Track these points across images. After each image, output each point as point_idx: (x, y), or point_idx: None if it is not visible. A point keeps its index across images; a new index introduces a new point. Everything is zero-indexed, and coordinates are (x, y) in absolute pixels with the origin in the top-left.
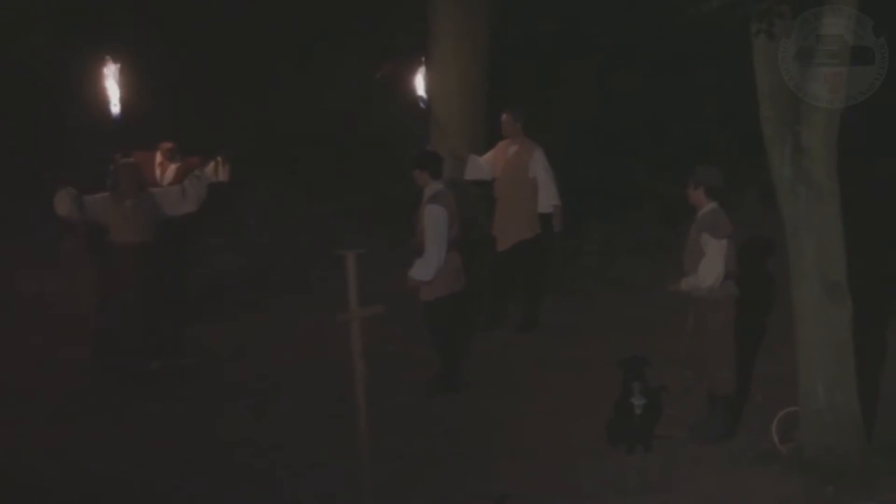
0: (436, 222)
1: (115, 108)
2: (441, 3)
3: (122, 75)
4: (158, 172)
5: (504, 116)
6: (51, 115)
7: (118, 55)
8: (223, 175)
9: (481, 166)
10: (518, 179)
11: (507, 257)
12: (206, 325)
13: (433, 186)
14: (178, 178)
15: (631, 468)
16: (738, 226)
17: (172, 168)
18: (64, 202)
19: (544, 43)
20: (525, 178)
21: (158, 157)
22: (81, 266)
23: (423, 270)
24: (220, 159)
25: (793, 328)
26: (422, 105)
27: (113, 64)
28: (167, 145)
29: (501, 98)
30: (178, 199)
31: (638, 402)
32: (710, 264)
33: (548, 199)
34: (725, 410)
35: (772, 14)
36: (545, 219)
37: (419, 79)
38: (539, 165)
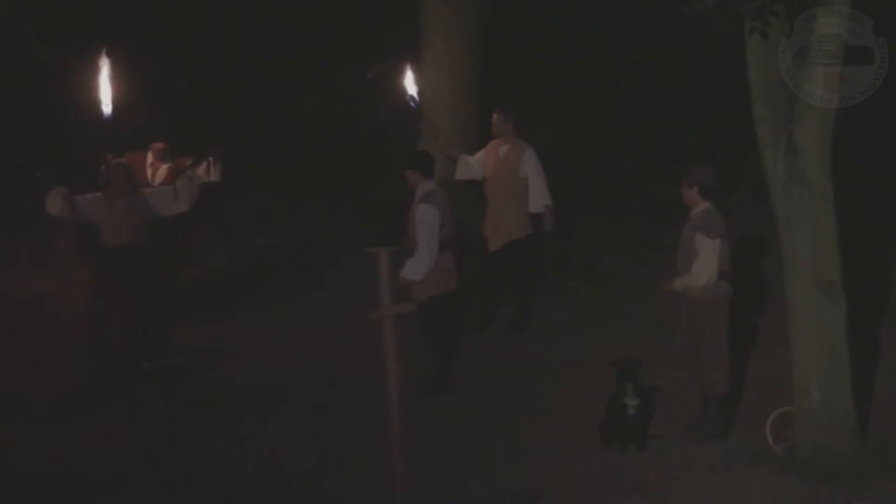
0: (428, 222)
1: (106, 108)
2: (432, 3)
3: (114, 75)
4: (150, 172)
5: (495, 116)
6: (42, 115)
7: (110, 55)
8: (215, 175)
9: (472, 166)
10: (509, 179)
11: (499, 257)
12: (197, 325)
13: (425, 186)
14: (169, 179)
15: (624, 468)
16: (730, 225)
17: (164, 168)
18: (55, 202)
19: (535, 42)
20: (516, 178)
21: (150, 157)
22: (73, 266)
23: (414, 270)
24: (211, 159)
25: (787, 327)
26: (412, 105)
27: (104, 64)
28: (158, 145)
29: (492, 98)
30: (170, 199)
31: (631, 402)
32: (704, 264)
33: (539, 198)
34: (719, 410)
35: (765, 13)
36: (536, 218)
37: (410, 79)
38: (530, 165)
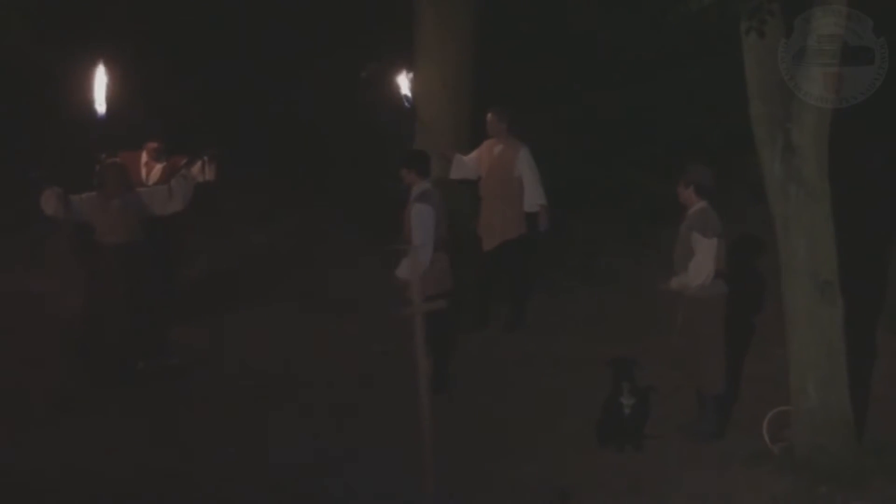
0: (423, 221)
1: (100, 107)
2: (426, 3)
3: (109, 75)
4: (144, 172)
5: (489, 116)
6: (37, 114)
7: (104, 55)
8: (209, 174)
9: (467, 165)
10: (503, 179)
11: (493, 257)
12: (194, 325)
13: (421, 185)
14: (164, 178)
15: (621, 468)
16: (725, 224)
17: (158, 167)
18: (50, 201)
19: (530, 41)
20: (510, 178)
21: (144, 156)
22: (68, 266)
23: (409, 269)
24: (206, 159)
25: (783, 327)
26: (406, 105)
27: (99, 64)
28: (153, 145)
29: (487, 97)
30: (164, 198)
31: (627, 401)
32: (700, 263)
33: (533, 198)
34: (715, 410)
35: (762, 12)
36: (531, 218)
37: (404, 78)
38: (524, 165)
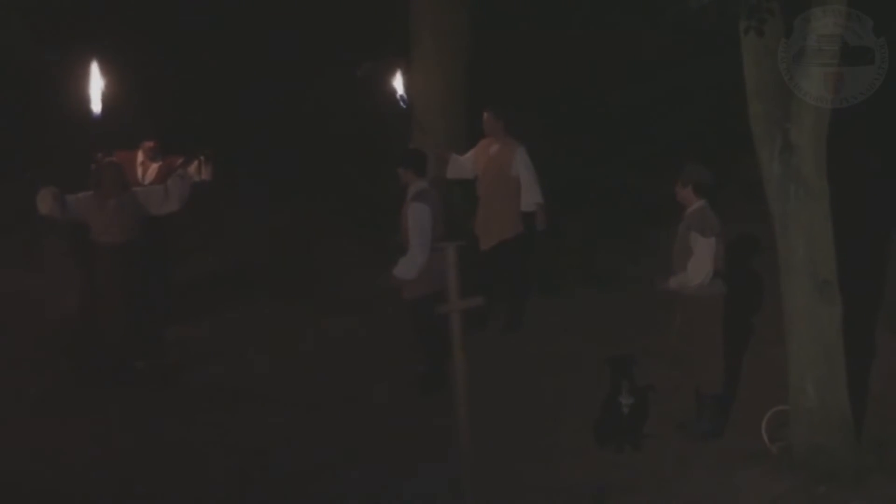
0: (420, 220)
1: (96, 107)
2: (423, 2)
3: (104, 74)
4: (140, 171)
5: (486, 115)
6: (33, 113)
7: (99, 54)
8: (206, 174)
9: (463, 165)
10: (501, 178)
11: (491, 256)
12: (191, 324)
13: (418, 184)
14: (159, 177)
15: (619, 467)
16: (723, 223)
17: (154, 167)
18: (46, 201)
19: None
20: (508, 177)
21: (140, 156)
22: (65, 266)
23: (406, 269)
24: (202, 158)
25: (782, 326)
26: (402, 104)
27: (94, 63)
28: (149, 144)
29: (483, 96)
30: (161, 198)
31: (626, 400)
32: (699, 262)
33: (531, 197)
34: (714, 409)
35: (761, 11)
36: (528, 217)
37: (400, 77)
38: (521, 164)
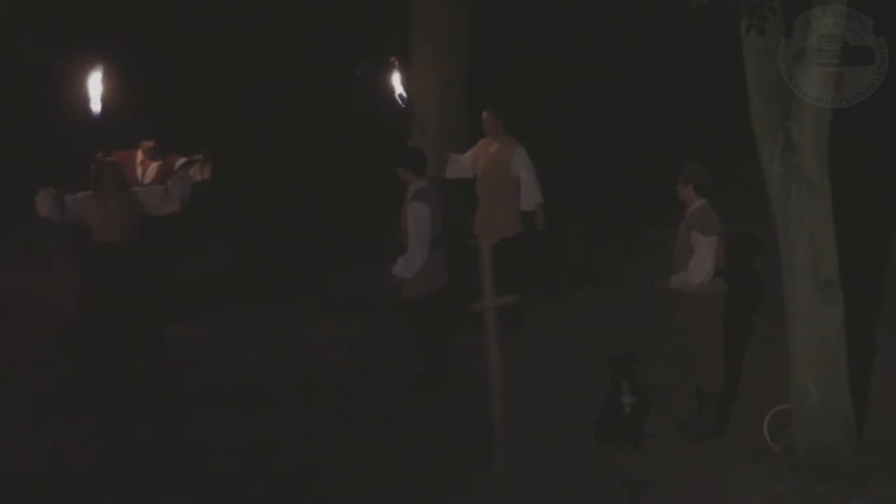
0: (419, 220)
1: (95, 106)
2: (423, 1)
3: (103, 74)
4: (140, 171)
5: (485, 114)
6: (34, 114)
7: (99, 54)
8: (206, 174)
9: (462, 164)
10: (500, 177)
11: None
12: (190, 324)
13: (417, 184)
14: (159, 177)
15: (620, 467)
16: (723, 222)
17: (154, 166)
18: (45, 203)
19: (527, 39)
20: (507, 176)
21: (140, 155)
22: (64, 266)
23: (405, 268)
24: (202, 158)
25: (783, 325)
26: (401, 103)
27: (94, 62)
28: (148, 143)
29: (482, 96)
30: (161, 199)
31: (627, 400)
32: (700, 261)
33: (530, 197)
34: (715, 408)
35: (763, 9)
36: (528, 217)
37: (399, 77)
38: (521, 163)
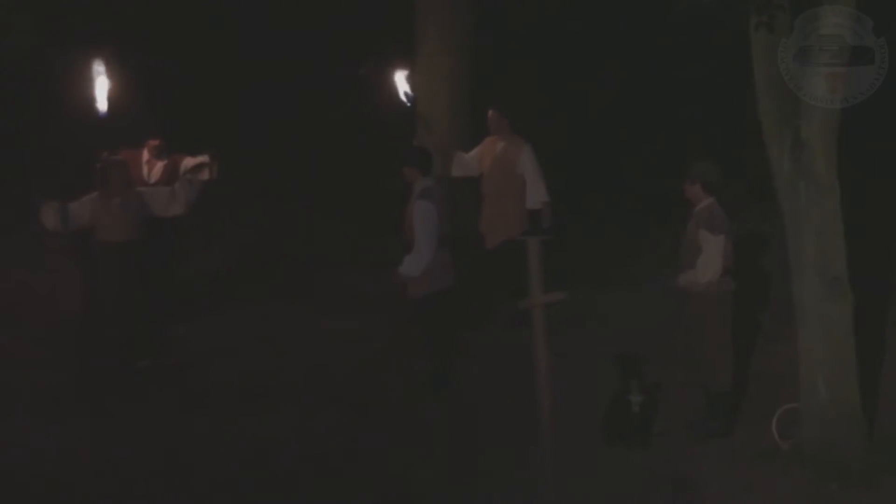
0: (425, 218)
1: (101, 105)
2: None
3: (109, 73)
4: (145, 170)
5: (491, 113)
6: (38, 112)
7: (104, 53)
8: (213, 174)
9: (468, 163)
10: (506, 176)
11: (496, 254)
12: (193, 323)
13: (423, 182)
14: (165, 176)
15: (628, 466)
16: (730, 220)
17: (159, 165)
18: (49, 217)
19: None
20: (513, 175)
21: (145, 154)
22: (66, 265)
23: (412, 266)
24: (209, 158)
25: (791, 323)
26: (406, 102)
27: (99, 61)
28: (154, 142)
29: (487, 95)
30: (167, 201)
31: (635, 399)
32: (708, 260)
33: (536, 195)
34: (723, 407)
35: (772, 7)
36: (534, 216)
37: (404, 75)
38: (527, 162)
